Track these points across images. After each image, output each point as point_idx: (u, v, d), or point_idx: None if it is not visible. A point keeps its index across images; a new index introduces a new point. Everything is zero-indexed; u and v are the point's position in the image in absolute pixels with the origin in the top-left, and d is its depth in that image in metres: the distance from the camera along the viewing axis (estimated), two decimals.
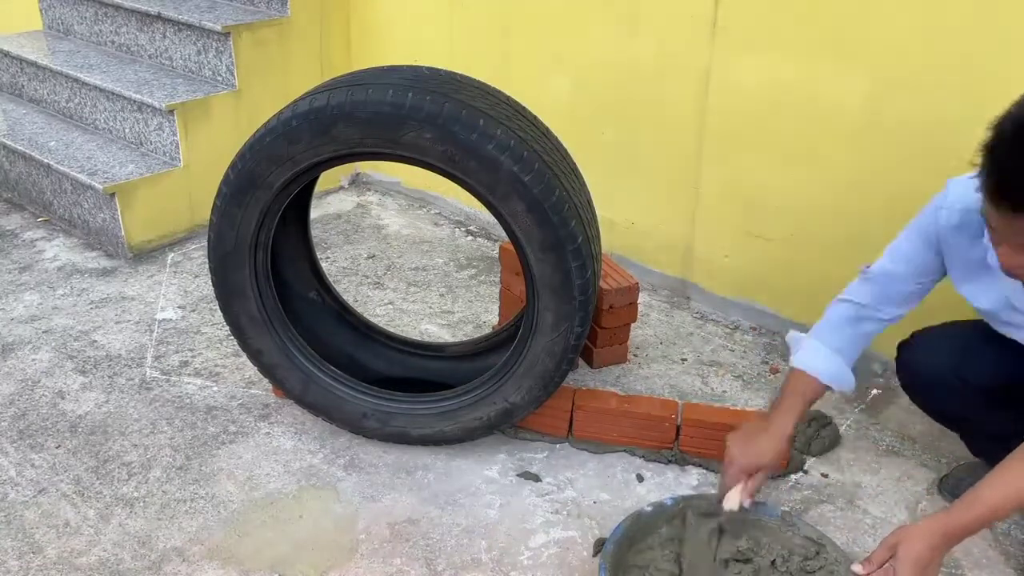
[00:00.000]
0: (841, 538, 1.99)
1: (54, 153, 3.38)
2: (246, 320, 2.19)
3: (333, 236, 3.39)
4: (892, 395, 2.49)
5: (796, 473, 2.19)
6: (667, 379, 2.56)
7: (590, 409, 2.24)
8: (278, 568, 1.91)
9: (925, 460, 2.26)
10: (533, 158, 1.83)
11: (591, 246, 1.96)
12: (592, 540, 1.99)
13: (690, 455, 2.22)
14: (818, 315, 2.70)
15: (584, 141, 2.83)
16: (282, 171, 1.95)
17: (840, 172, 2.50)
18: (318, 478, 2.17)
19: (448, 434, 2.20)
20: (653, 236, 2.99)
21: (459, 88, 1.90)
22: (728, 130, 2.68)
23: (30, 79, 3.82)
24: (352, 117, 1.84)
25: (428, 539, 1.99)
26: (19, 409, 2.40)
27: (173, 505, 2.08)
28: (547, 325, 1.97)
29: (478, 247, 3.34)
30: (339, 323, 2.42)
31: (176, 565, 1.91)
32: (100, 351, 2.66)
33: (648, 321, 2.82)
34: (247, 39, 3.33)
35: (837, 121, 2.45)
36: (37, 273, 3.10)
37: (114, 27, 3.75)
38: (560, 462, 2.23)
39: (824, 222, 2.57)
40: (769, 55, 2.52)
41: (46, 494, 2.10)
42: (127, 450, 2.25)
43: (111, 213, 3.17)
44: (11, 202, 3.64)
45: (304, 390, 2.25)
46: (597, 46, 2.90)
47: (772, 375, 2.58)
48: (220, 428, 2.33)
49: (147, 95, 3.28)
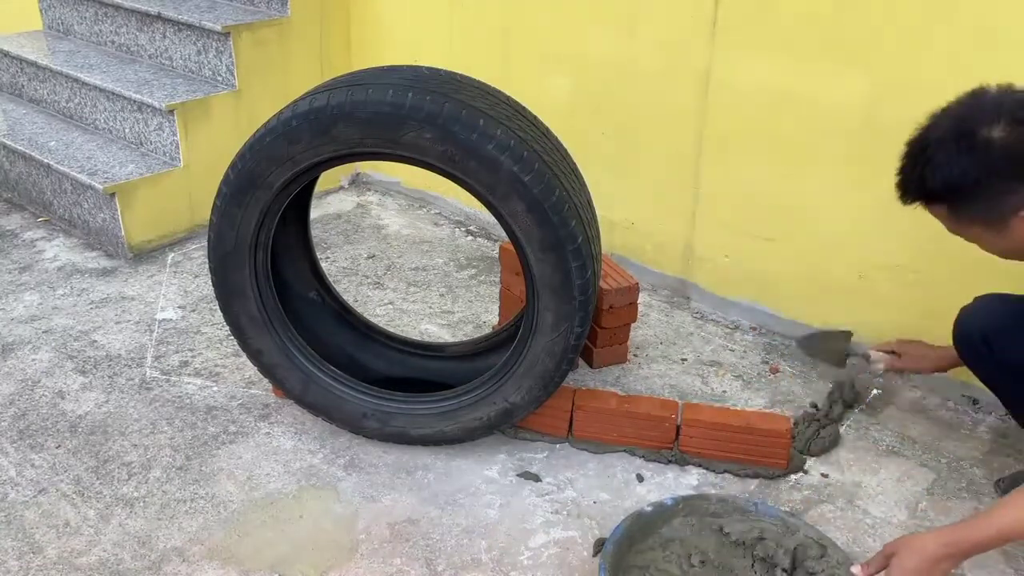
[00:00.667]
0: (841, 538, 1.99)
1: (54, 153, 3.38)
2: (246, 320, 2.19)
3: (333, 236, 3.39)
4: (892, 395, 2.49)
5: (796, 473, 2.19)
6: (667, 379, 2.56)
7: (590, 409, 2.24)
8: (278, 568, 1.91)
9: (925, 460, 2.26)
10: (533, 158, 1.83)
11: (591, 246, 1.96)
12: (592, 540, 1.99)
13: (690, 455, 2.22)
14: (818, 314, 2.71)
15: (584, 141, 2.83)
16: (282, 171, 1.95)
17: (840, 172, 2.50)
18: (318, 478, 2.17)
19: (448, 434, 2.19)
20: (653, 236, 2.99)
21: (459, 88, 1.90)
22: (728, 130, 2.68)
23: (30, 79, 3.82)
24: (352, 117, 1.84)
25: (428, 539, 1.99)
26: (19, 409, 2.40)
27: (173, 505, 2.08)
28: (547, 325, 1.97)
29: (478, 247, 3.34)
30: (339, 323, 2.42)
31: (176, 565, 1.91)
32: (100, 351, 2.66)
33: (648, 321, 2.82)
34: (247, 39, 3.33)
35: (837, 121, 2.45)
36: (37, 273, 3.10)
37: (114, 27, 3.75)
38: (560, 462, 2.23)
39: (824, 222, 2.57)
40: (769, 55, 2.52)
41: (46, 494, 2.10)
42: (127, 450, 2.25)
43: (111, 213, 3.17)
44: (11, 202, 3.64)
45: (304, 390, 2.25)
46: (597, 46, 2.89)
47: (772, 375, 2.58)
48: (220, 428, 2.33)
49: (147, 95, 3.28)
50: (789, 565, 1.80)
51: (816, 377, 2.56)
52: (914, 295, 2.46)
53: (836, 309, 2.63)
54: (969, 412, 2.43)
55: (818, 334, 2.60)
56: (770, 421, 2.19)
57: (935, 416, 2.42)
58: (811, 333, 2.62)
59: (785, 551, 1.83)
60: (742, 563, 1.83)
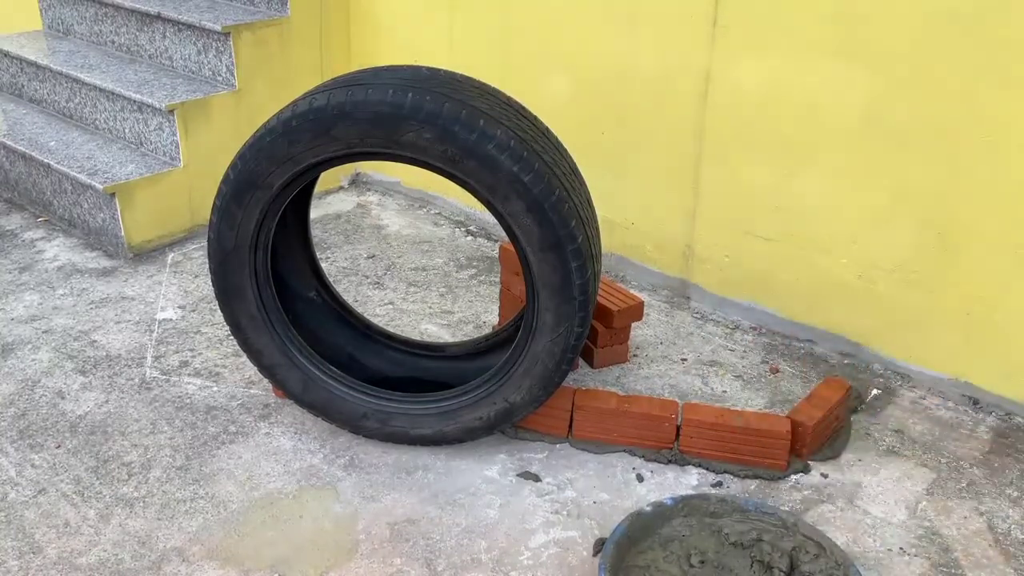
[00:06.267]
0: (841, 538, 2.00)
1: (54, 153, 3.38)
2: (246, 320, 2.19)
3: (333, 236, 3.39)
4: (892, 395, 2.50)
5: (796, 473, 2.19)
6: (667, 379, 2.56)
7: (590, 409, 2.24)
8: (278, 568, 1.91)
9: (925, 460, 2.26)
10: (533, 158, 1.83)
11: (591, 246, 1.96)
12: (592, 540, 1.99)
13: (690, 455, 2.22)
14: (818, 314, 2.71)
15: (584, 141, 2.83)
16: (282, 171, 1.95)
17: (840, 172, 2.50)
18: (318, 478, 2.17)
19: (448, 434, 2.19)
20: (653, 236, 2.99)
21: (459, 88, 1.90)
22: (728, 130, 2.68)
23: (30, 79, 3.82)
24: (352, 117, 1.84)
25: (428, 539, 1.99)
26: (19, 409, 2.40)
27: (173, 505, 2.08)
28: (547, 325, 1.97)
29: (478, 247, 3.34)
30: (339, 323, 2.41)
31: (176, 565, 1.91)
32: (100, 351, 2.66)
33: (648, 321, 2.82)
34: (247, 39, 3.33)
35: (837, 121, 2.45)
36: (37, 273, 3.10)
37: (114, 27, 3.75)
38: (560, 462, 2.23)
39: (824, 222, 2.57)
40: (769, 55, 2.52)
41: (46, 494, 2.11)
42: (127, 450, 2.25)
43: (111, 213, 3.17)
44: (11, 202, 3.64)
45: (304, 390, 2.25)
46: (597, 46, 2.90)
47: (772, 375, 2.58)
48: (220, 428, 2.33)
49: (147, 95, 3.28)
50: (787, 567, 1.81)
51: (816, 377, 2.56)
52: (914, 295, 2.46)
53: (836, 309, 2.63)
54: (969, 412, 2.43)
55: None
56: (770, 422, 2.19)
57: (935, 416, 2.42)
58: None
59: (782, 554, 1.83)
60: (741, 563, 1.83)
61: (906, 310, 2.49)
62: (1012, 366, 2.36)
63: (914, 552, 1.97)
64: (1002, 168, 2.22)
